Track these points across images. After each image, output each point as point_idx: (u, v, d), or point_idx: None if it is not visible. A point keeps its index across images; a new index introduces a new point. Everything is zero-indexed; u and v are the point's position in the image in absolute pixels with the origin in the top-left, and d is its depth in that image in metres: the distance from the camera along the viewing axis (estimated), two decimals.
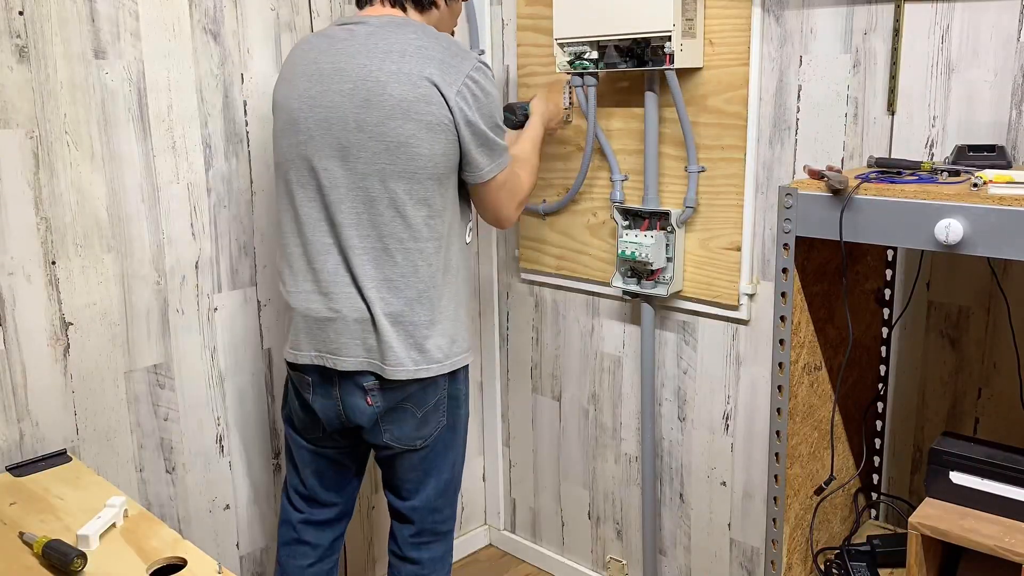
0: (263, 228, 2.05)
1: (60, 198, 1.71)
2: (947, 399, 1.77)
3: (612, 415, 2.36)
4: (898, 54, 1.68)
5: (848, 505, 1.83)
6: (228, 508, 2.09)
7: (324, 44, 1.63)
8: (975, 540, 1.39)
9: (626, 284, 2.13)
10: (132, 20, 1.77)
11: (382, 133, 1.55)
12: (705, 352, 2.12)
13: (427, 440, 1.73)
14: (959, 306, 1.72)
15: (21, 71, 1.64)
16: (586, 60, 2.01)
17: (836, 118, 1.79)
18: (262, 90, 2.01)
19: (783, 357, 1.53)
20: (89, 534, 1.36)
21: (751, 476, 2.09)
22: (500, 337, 2.62)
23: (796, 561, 1.65)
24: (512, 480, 2.69)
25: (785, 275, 1.50)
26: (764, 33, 1.86)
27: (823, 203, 1.41)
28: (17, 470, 1.64)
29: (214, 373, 2.01)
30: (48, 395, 1.74)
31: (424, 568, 1.83)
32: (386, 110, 1.54)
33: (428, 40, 1.58)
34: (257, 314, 2.08)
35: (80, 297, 1.77)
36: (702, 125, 1.98)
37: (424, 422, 1.71)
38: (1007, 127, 1.58)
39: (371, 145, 1.56)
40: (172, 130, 1.86)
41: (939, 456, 1.50)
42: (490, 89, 1.61)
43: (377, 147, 1.56)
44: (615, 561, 2.43)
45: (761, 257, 1.97)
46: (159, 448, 1.94)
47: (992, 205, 1.24)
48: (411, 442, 1.71)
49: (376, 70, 1.55)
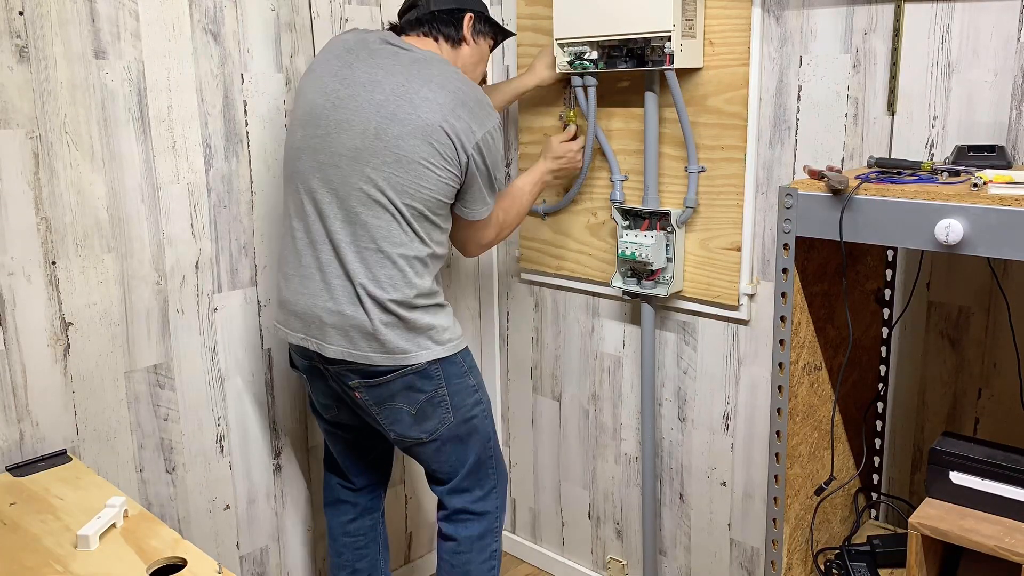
0: (263, 228, 2.05)
1: (60, 198, 1.71)
2: (947, 399, 1.77)
3: (612, 415, 2.36)
4: (898, 54, 1.68)
5: (848, 505, 1.83)
6: (228, 508, 2.09)
7: (364, 54, 1.73)
8: (975, 540, 1.39)
9: (626, 284, 2.13)
10: (132, 20, 1.77)
11: (399, 147, 1.64)
12: (705, 352, 2.12)
13: (433, 434, 1.78)
14: (959, 306, 1.72)
15: (21, 71, 1.64)
16: (586, 60, 2.01)
17: (836, 118, 1.79)
18: (262, 90, 2.01)
19: (783, 357, 1.53)
20: (89, 534, 1.36)
21: (751, 476, 2.09)
22: (500, 337, 2.62)
23: (796, 561, 1.65)
24: (512, 480, 2.69)
25: (785, 275, 1.50)
26: (764, 33, 1.86)
27: (823, 203, 1.41)
28: (17, 470, 1.65)
29: (214, 373, 2.01)
30: (48, 395, 1.74)
31: (461, 546, 1.89)
32: (409, 128, 1.64)
33: (467, 87, 1.71)
34: (257, 314, 2.08)
35: (80, 297, 1.77)
36: (702, 125, 1.98)
37: (422, 417, 1.76)
38: (1007, 127, 1.58)
39: (385, 154, 1.65)
40: (172, 130, 1.87)
41: (939, 456, 1.50)
42: (499, 148, 1.76)
43: (390, 157, 1.64)
44: (615, 561, 2.43)
45: (761, 257, 1.97)
46: (159, 448, 1.94)
47: (992, 205, 1.24)
48: (416, 437, 1.79)
49: (414, 94, 1.65)
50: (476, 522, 1.89)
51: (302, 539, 2.27)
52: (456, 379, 1.77)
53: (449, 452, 1.82)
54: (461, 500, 1.87)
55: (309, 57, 2.09)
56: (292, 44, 2.05)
